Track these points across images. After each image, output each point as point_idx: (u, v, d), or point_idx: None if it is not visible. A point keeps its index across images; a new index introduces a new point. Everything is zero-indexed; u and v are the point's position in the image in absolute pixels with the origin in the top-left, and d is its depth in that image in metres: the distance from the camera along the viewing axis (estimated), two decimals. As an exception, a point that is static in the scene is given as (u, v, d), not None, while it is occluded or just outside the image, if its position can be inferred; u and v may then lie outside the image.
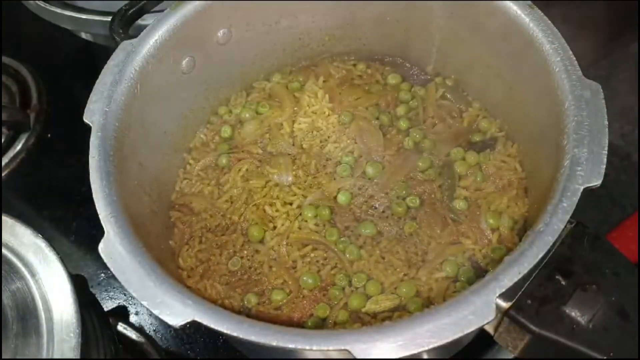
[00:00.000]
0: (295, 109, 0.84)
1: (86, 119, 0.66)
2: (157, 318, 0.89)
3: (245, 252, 0.73)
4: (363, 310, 0.67)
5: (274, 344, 0.50)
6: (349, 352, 0.49)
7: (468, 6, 0.76)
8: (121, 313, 0.92)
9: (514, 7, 0.70)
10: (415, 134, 0.80)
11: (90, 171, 0.62)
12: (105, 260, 0.56)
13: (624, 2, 0.91)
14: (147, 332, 0.90)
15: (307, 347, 0.49)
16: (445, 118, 0.82)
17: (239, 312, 0.65)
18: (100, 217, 0.59)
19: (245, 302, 0.69)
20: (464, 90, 0.85)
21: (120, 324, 0.88)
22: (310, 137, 0.82)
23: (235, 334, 0.51)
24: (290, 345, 0.50)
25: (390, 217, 0.74)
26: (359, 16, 0.85)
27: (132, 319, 0.92)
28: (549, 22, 0.68)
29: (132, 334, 0.88)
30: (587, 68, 0.64)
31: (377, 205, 0.75)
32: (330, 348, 0.49)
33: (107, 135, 0.65)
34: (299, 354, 0.59)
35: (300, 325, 0.66)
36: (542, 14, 0.69)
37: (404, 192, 0.75)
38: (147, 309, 0.83)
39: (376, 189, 0.76)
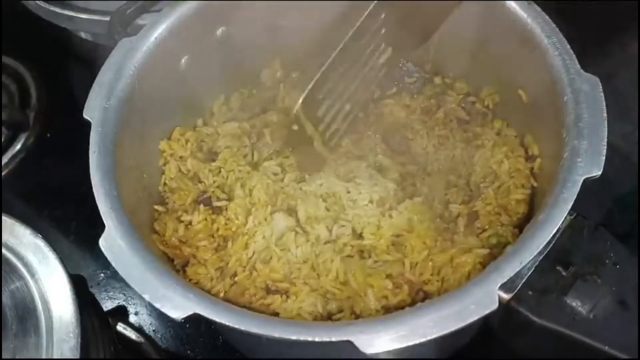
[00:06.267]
0: None
1: (86, 115, 0.66)
2: (156, 318, 0.90)
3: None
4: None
5: (276, 335, 0.50)
6: (352, 343, 0.49)
7: (466, 4, 0.76)
8: (121, 313, 0.92)
9: (512, 5, 0.70)
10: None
11: (91, 166, 0.62)
12: (106, 255, 0.56)
13: (624, 2, 0.91)
14: (147, 332, 0.90)
15: (310, 339, 0.50)
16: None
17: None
18: (101, 211, 0.59)
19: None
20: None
21: (119, 324, 0.88)
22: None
23: (237, 326, 0.51)
24: (293, 337, 0.50)
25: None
26: (357, 16, 0.85)
27: (132, 319, 0.91)
28: (547, 17, 0.69)
29: (132, 334, 0.88)
30: (587, 68, 0.65)
31: None
32: (333, 339, 0.49)
33: (106, 130, 0.65)
34: (300, 351, 0.58)
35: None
36: (540, 10, 0.69)
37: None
38: (148, 309, 0.84)
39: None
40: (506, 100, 0.79)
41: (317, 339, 0.49)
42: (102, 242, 0.57)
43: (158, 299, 0.53)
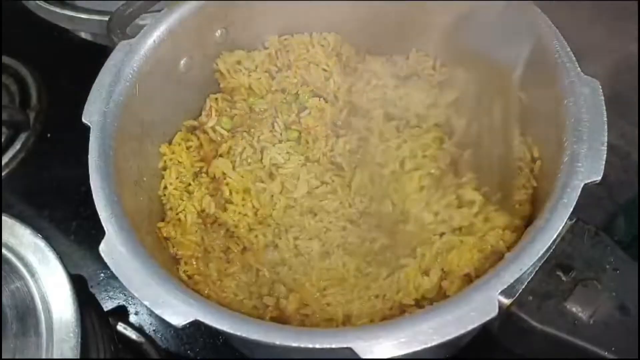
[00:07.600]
0: None
1: (85, 119, 0.66)
2: (157, 318, 0.90)
3: None
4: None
5: (277, 342, 0.50)
6: (352, 349, 0.49)
7: (466, 5, 0.76)
8: (121, 313, 0.92)
9: (511, 5, 0.70)
10: None
11: (90, 172, 0.62)
12: (107, 261, 0.56)
13: (624, 1, 0.91)
14: (147, 332, 0.90)
15: (310, 345, 0.50)
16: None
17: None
18: (101, 217, 0.59)
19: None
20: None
21: (119, 323, 0.88)
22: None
23: (238, 333, 0.51)
24: (294, 344, 0.50)
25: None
26: (357, 15, 0.85)
27: (132, 318, 0.91)
28: (547, 19, 0.68)
29: (132, 334, 0.88)
30: (586, 68, 0.64)
31: None
32: (333, 346, 0.49)
33: (106, 135, 0.64)
34: (301, 354, 0.58)
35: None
36: (540, 11, 0.69)
37: None
38: (148, 309, 0.84)
39: None
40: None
41: (317, 346, 0.49)
42: (102, 248, 0.56)
43: (158, 305, 0.53)
